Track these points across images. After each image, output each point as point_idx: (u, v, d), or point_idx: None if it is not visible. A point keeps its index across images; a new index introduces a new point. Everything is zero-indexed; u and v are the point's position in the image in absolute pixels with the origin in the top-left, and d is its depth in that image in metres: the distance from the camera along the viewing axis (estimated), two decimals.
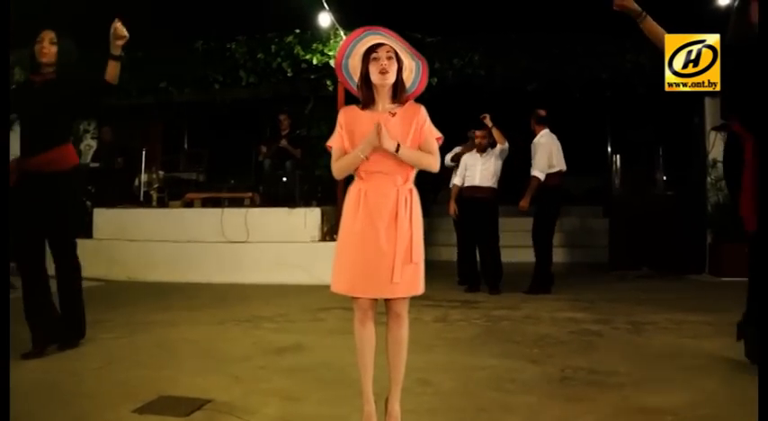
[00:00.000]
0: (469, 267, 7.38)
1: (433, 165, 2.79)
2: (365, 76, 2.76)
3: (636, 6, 3.65)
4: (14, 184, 3.97)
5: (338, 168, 2.81)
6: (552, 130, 7.00)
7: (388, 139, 2.66)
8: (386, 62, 2.69)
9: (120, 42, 3.94)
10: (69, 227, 4.30)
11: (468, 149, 7.32)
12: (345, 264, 2.74)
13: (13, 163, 3.97)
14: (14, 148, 3.91)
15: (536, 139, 6.98)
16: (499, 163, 7.10)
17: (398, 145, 2.67)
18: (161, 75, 9.10)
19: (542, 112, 7.08)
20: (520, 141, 7.31)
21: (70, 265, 4.25)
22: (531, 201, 6.84)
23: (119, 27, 3.89)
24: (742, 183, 3.58)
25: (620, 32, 7.71)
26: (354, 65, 2.83)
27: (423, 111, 2.81)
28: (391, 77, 2.73)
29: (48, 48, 4.07)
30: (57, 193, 4.12)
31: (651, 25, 3.65)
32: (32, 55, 4.12)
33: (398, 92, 2.78)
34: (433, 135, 2.81)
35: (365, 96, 2.80)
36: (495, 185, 7.11)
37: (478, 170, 7.10)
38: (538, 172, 6.80)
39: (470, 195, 7.15)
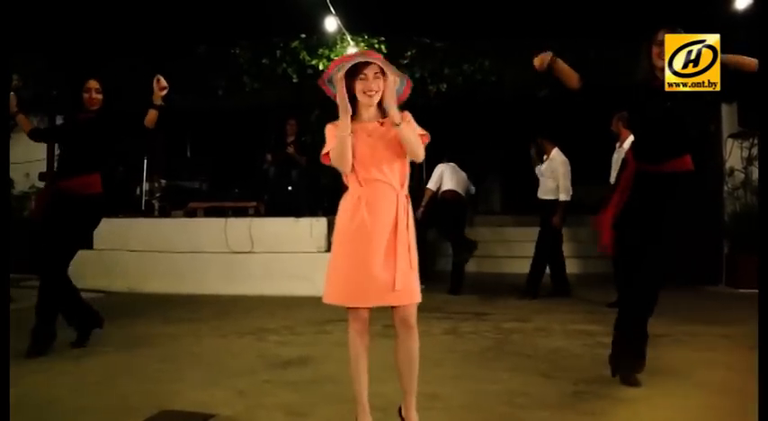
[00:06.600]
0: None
1: (422, 152, 2.77)
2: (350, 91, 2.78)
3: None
4: (49, 200, 4.72)
5: (334, 156, 2.79)
6: (563, 138, 7.00)
7: (396, 109, 2.71)
8: (373, 84, 2.73)
9: (162, 93, 4.62)
10: (73, 241, 4.69)
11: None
12: (342, 274, 2.75)
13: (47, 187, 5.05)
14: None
15: None
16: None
17: (401, 119, 2.71)
18: None
19: None
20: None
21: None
22: None
23: (161, 79, 4.59)
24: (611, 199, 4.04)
25: (632, 37, 7.60)
26: (338, 79, 2.82)
27: (408, 116, 2.80)
28: (377, 97, 2.76)
29: (95, 97, 4.73)
30: (79, 211, 4.62)
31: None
32: (80, 100, 4.74)
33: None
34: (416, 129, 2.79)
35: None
36: (464, 193, 7.91)
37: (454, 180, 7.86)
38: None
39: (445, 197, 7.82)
